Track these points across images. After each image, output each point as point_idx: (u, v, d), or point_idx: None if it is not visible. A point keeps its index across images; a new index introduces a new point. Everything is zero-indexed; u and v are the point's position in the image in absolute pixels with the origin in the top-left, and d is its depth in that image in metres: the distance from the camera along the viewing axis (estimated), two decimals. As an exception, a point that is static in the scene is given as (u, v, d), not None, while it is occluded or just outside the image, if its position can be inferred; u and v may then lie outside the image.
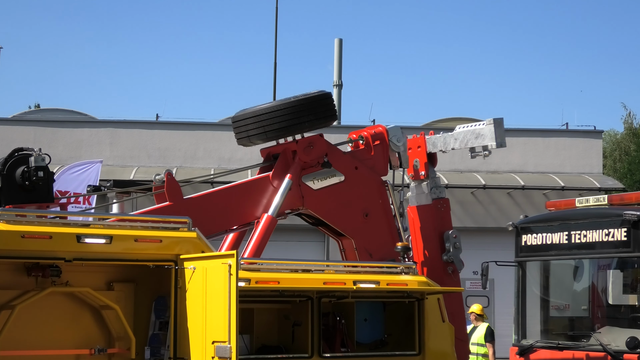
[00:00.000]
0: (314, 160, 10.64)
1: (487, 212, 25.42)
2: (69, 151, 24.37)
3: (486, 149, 11.18)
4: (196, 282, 8.34)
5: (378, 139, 11.19)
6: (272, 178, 10.48)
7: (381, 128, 11.26)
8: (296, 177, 10.48)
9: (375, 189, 11.05)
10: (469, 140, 11.24)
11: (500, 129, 11.07)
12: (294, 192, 10.46)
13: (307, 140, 10.64)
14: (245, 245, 10.23)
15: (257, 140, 10.68)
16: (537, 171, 26.44)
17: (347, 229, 10.90)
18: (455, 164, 25.56)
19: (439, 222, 11.46)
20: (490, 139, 11.07)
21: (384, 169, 11.21)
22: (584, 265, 12.64)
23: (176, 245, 8.59)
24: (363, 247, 10.90)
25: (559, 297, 13.15)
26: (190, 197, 10.10)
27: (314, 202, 10.67)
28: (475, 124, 11.28)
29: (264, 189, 10.44)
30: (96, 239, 8.24)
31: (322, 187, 10.71)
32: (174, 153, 25.39)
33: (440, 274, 11.23)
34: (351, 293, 9.58)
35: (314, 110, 10.52)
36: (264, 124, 10.45)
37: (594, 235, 11.92)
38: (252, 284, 8.86)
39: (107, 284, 8.69)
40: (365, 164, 11.05)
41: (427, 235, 11.39)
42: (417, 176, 11.56)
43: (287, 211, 10.67)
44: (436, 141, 11.52)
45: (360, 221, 10.91)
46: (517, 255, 12.87)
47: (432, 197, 11.49)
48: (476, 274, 14.87)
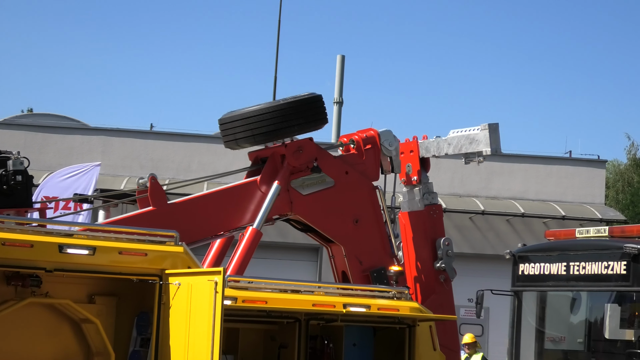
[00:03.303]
0: (303, 165, 10.58)
1: (485, 238, 25.36)
2: (60, 158, 24.29)
3: (480, 154, 11.14)
4: (181, 299, 8.25)
5: (369, 142, 11.13)
6: (259, 183, 10.42)
7: (373, 132, 11.22)
8: (285, 182, 10.42)
9: (366, 194, 11.00)
10: (463, 146, 11.19)
11: (496, 135, 11.01)
12: (283, 198, 10.40)
13: (296, 144, 10.59)
14: (229, 260, 10.16)
15: (245, 144, 10.62)
16: (538, 199, 26.40)
17: (336, 236, 10.84)
18: (455, 188, 25.52)
19: (431, 228, 11.42)
20: (485, 144, 11.02)
21: (375, 173, 11.16)
22: (582, 297, 12.60)
23: (162, 259, 8.49)
24: (353, 254, 10.85)
25: (555, 329, 13.10)
26: (175, 202, 10.04)
27: (303, 208, 10.61)
28: (470, 129, 11.22)
29: (252, 194, 10.37)
30: (79, 249, 8.13)
31: (311, 193, 10.65)
32: (167, 164, 25.31)
33: (431, 282, 11.20)
34: (340, 316, 9.48)
35: (303, 113, 10.48)
36: (252, 126, 10.38)
37: (593, 267, 11.88)
38: (238, 303, 8.77)
39: (89, 297, 8.58)
40: (356, 168, 10.99)
41: (418, 242, 11.35)
42: (409, 181, 11.54)
43: (275, 217, 10.60)
44: (429, 146, 11.48)
45: (350, 227, 10.85)
46: (514, 284, 12.84)
47: (425, 203, 11.45)
48: (471, 302, 14.84)
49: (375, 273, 10.90)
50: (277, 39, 29.14)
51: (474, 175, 25.75)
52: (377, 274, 10.89)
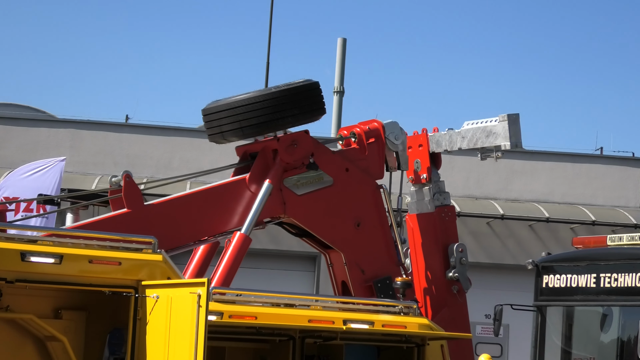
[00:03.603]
0: (298, 161, 10.64)
1: (505, 246, 25.39)
2: (23, 153, 24.27)
3: (499, 149, 11.21)
4: (159, 314, 8.26)
5: (373, 136, 11.18)
6: (249, 181, 10.46)
7: (376, 123, 11.26)
8: (277, 181, 10.46)
9: (369, 194, 11.05)
10: (479, 139, 11.25)
11: (516, 127, 11.08)
12: (275, 198, 10.44)
13: (290, 138, 10.64)
14: (214, 270, 10.17)
15: (232, 137, 10.65)
16: (565, 202, 26.43)
17: (335, 241, 10.90)
18: (470, 189, 25.54)
19: (442, 233, 11.48)
20: (504, 138, 11.08)
21: (379, 171, 11.22)
22: (613, 313, 12.63)
23: (138, 269, 8.51)
24: (354, 261, 10.91)
25: (583, 348, 13.14)
26: (152, 204, 10.07)
27: (298, 210, 10.66)
28: (487, 120, 11.27)
29: (240, 193, 10.41)
30: (44, 257, 8.15)
31: (307, 192, 10.72)
32: (145, 161, 25.31)
33: (443, 293, 11.25)
34: (340, 334, 9.51)
35: (298, 102, 10.53)
36: (239, 118, 10.42)
37: (626, 279, 11.92)
38: (224, 319, 8.80)
39: (55, 311, 8.60)
40: (358, 165, 11.04)
41: (428, 249, 11.41)
42: (418, 180, 11.60)
43: (266, 220, 10.62)
44: (440, 139, 11.53)
45: (351, 232, 10.91)
46: (537, 298, 12.87)
47: (435, 204, 11.52)
48: (488, 318, 14.86)
49: (380, 283, 10.94)
50: (269, 19, 29.14)
51: (492, 175, 25.77)
52: (381, 285, 10.93)
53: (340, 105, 30.46)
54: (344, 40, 30.81)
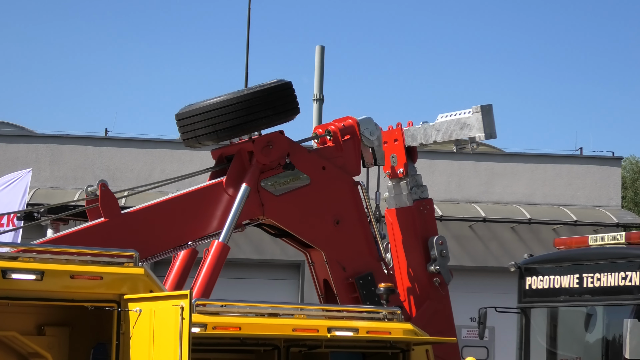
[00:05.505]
0: (274, 162, 10.64)
1: (487, 249, 25.44)
2: (2, 169, 24.11)
3: (473, 141, 11.25)
4: (142, 327, 8.24)
5: (348, 133, 11.19)
6: (226, 184, 10.44)
7: (351, 120, 11.28)
8: (254, 183, 10.45)
9: (347, 191, 11.06)
10: (453, 132, 11.30)
11: (489, 117, 11.13)
12: (252, 200, 10.42)
13: (265, 139, 10.62)
14: (194, 280, 10.14)
15: (207, 141, 10.63)
16: (546, 203, 26.50)
17: (315, 240, 10.89)
18: (451, 193, 25.57)
19: (421, 226, 11.48)
20: (478, 129, 11.13)
21: (356, 167, 11.22)
22: (597, 312, 12.65)
23: (120, 283, 8.48)
24: (335, 259, 10.91)
25: (568, 349, 13.16)
26: (130, 211, 10.03)
27: (276, 210, 10.65)
28: (460, 113, 11.31)
29: (218, 197, 10.39)
30: (24, 274, 8.11)
31: (284, 193, 10.71)
32: (126, 174, 25.26)
33: (425, 287, 11.26)
34: (325, 342, 9.51)
35: (272, 103, 10.52)
36: (213, 121, 10.40)
37: (609, 279, 11.94)
38: (208, 330, 8.79)
39: (38, 328, 8.57)
40: (334, 162, 11.05)
41: (408, 242, 11.41)
42: (395, 174, 11.62)
43: (245, 222, 10.60)
44: (415, 133, 11.56)
45: (330, 230, 10.91)
46: (520, 300, 12.89)
47: (413, 198, 11.53)
48: (474, 321, 14.84)
49: (361, 280, 10.94)
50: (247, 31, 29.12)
51: (473, 178, 25.81)
52: (363, 281, 10.93)
53: (321, 112, 30.43)
54: (322, 47, 30.79)
